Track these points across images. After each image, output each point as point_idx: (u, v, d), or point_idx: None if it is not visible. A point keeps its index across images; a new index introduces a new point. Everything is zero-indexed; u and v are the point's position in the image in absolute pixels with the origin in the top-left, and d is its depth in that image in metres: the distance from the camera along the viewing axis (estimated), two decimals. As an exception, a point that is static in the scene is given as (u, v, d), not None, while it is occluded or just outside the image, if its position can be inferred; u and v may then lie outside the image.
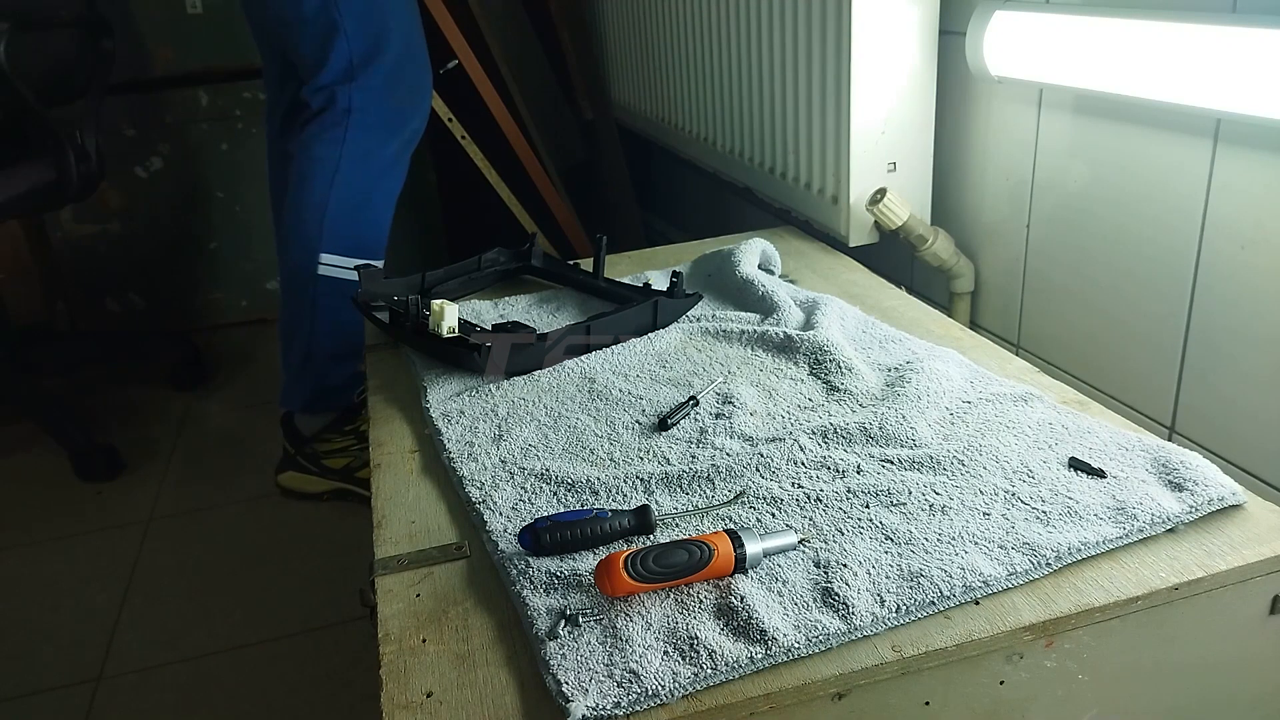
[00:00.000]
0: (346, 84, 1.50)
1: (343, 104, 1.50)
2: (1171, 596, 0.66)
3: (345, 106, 1.50)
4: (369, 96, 1.51)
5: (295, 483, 1.65)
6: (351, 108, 1.50)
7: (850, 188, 1.29)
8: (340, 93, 1.50)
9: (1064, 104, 1.12)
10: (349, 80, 1.50)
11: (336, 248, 1.52)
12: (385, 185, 1.57)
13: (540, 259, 1.37)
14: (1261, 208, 0.91)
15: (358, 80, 1.50)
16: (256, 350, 2.31)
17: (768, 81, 1.48)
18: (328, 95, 1.50)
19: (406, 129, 1.57)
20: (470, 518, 0.80)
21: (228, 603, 1.39)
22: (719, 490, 0.80)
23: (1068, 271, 1.17)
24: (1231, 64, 0.85)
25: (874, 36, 1.22)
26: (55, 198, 1.87)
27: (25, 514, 1.68)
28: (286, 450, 1.65)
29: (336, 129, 1.50)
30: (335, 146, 1.50)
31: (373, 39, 1.49)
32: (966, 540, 0.70)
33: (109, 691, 1.24)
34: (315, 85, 1.50)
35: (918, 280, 1.42)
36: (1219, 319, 0.97)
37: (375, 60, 1.50)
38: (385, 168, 1.56)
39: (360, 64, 1.49)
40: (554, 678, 0.60)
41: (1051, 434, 0.83)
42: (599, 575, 0.66)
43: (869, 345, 1.04)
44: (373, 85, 1.50)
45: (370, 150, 1.52)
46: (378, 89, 1.51)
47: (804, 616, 0.64)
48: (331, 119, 1.50)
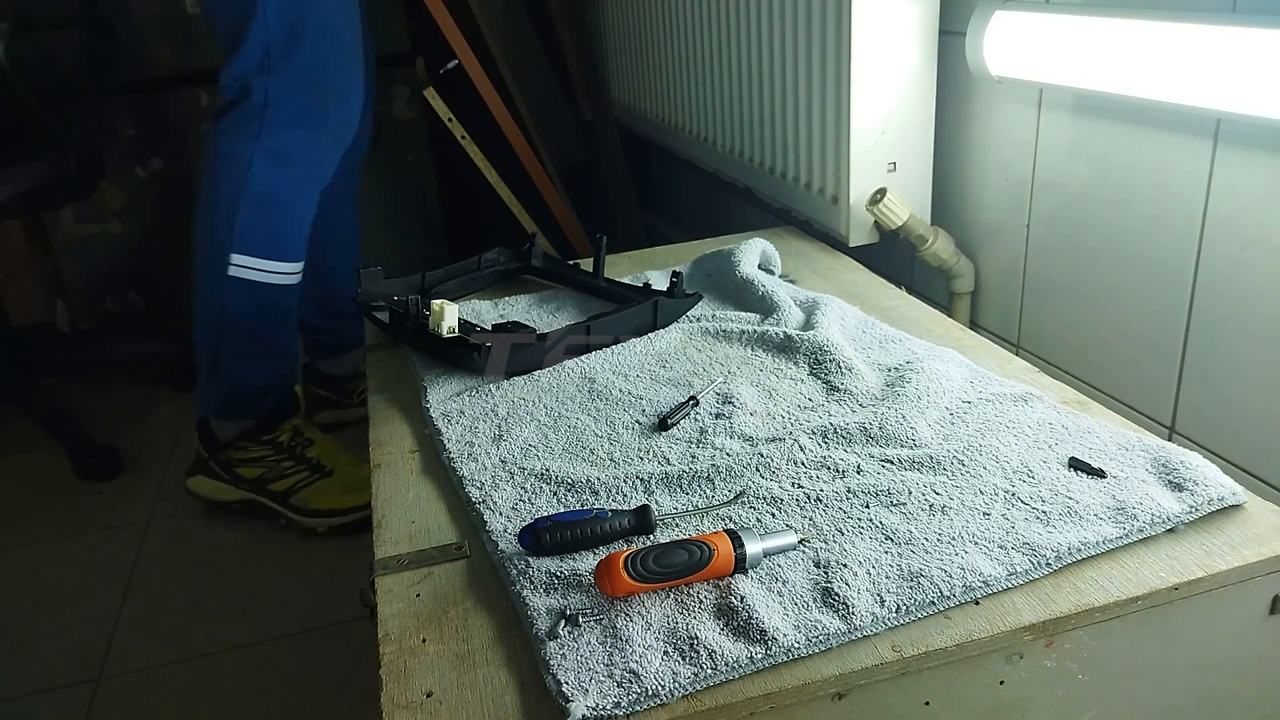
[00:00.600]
0: (263, 75, 1.38)
1: (258, 97, 1.39)
2: (1171, 596, 0.66)
3: (261, 100, 1.39)
4: (287, 91, 1.40)
5: (205, 488, 1.58)
6: (268, 102, 1.39)
7: (850, 188, 1.29)
8: (256, 84, 1.39)
9: (1064, 104, 1.12)
10: (266, 71, 1.38)
11: (248, 249, 1.43)
12: (304, 187, 1.47)
13: (540, 259, 1.37)
14: (1261, 208, 0.91)
15: (275, 72, 1.38)
16: (256, 350, 2.31)
17: (768, 81, 1.48)
18: (242, 86, 1.39)
19: (328, 129, 1.46)
20: (470, 518, 0.80)
21: (228, 603, 1.39)
22: (719, 490, 0.80)
23: (1068, 271, 1.17)
24: (1231, 64, 0.85)
25: (874, 36, 1.22)
26: (55, 198, 1.87)
27: (25, 514, 1.68)
28: (199, 453, 1.58)
29: (251, 123, 1.40)
30: (249, 142, 1.40)
31: (293, 28, 1.38)
32: (966, 540, 0.70)
33: (109, 691, 1.24)
34: (230, 74, 1.39)
35: (918, 280, 1.42)
36: (1219, 319, 0.97)
37: (295, 51, 1.39)
38: (305, 169, 1.46)
39: (279, 54, 1.38)
40: (554, 678, 0.60)
41: (1051, 434, 0.83)
42: (599, 575, 0.66)
43: (869, 345, 1.04)
44: (291, 79, 1.40)
45: (287, 149, 1.42)
46: (297, 83, 1.40)
47: (804, 616, 0.64)
48: (246, 112, 1.40)
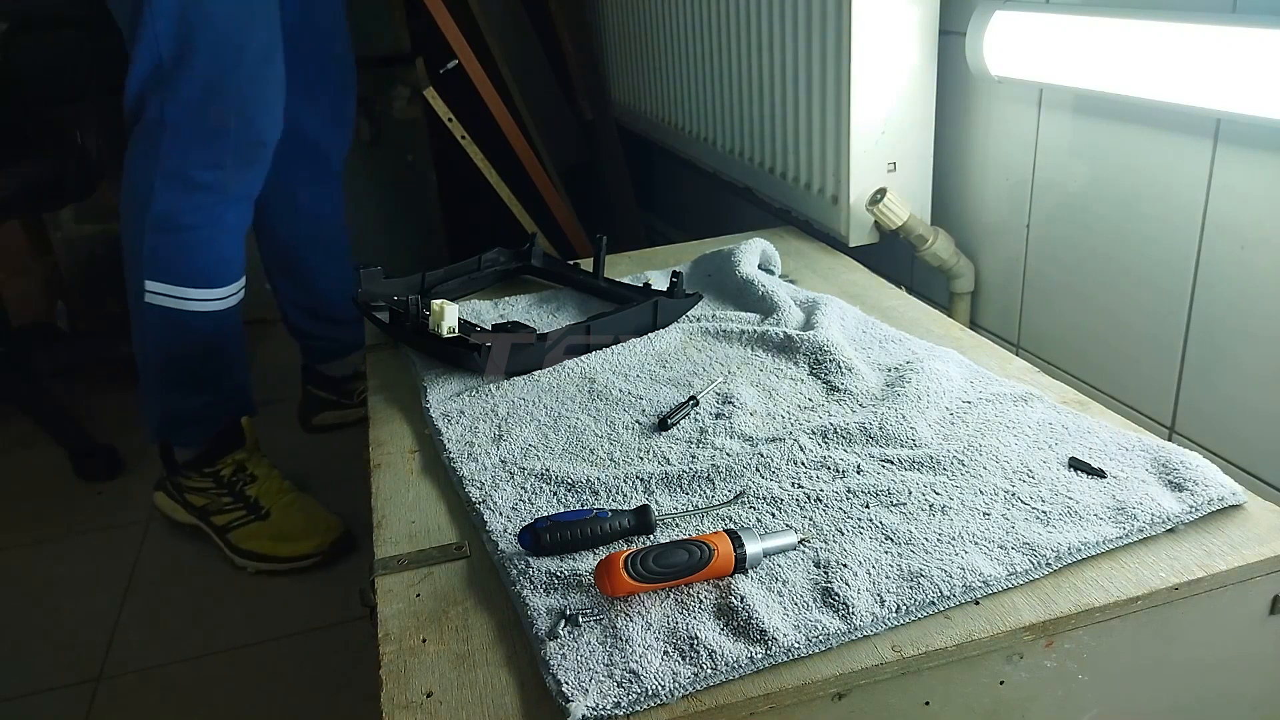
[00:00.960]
0: (156, 91, 1.26)
1: (153, 113, 1.27)
2: (1171, 596, 0.66)
3: (156, 117, 1.27)
4: (181, 110, 1.26)
5: (164, 505, 1.55)
6: (164, 120, 1.27)
7: (850, 188, 1.29)
8: (151, 101, 1.26)
9: (1064, 104, 1.12)
10: (158, 86, 1.25)
11: (161, 276, 1.33)
12: (211, 211, 1.34)
13: (540, 259, 1.37)
14: (1261, 208, 0.91)
15: (168, 86, 1.25)
16: (256, 350, 2.31)
17: (768, 81, 1.48)
18: (138, 102, 1.27)
19: (230, 149, 1.31)
20: (470, 518, 0.80)
21: (228, 602, 1.38)
22: (719, 490, 0.80)
23: (1068, 271, 1.17)
24: (1231, 64, 0.85)
25: (874, 36, 1.22)
26: (55, 197, 1.87)
27: (25, 514, 1.68)
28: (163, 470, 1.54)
29: (148, 143, 1.29)
30: (149, 164, 1.29)
31: (184, 38, 1.23)
32: (966, 540, 0.70)
33: (109, 691, 1.24)
34: (127, 88, 1.27)
35: (918, 280, 1.42)
36: (1219, 319, 0.97)
37: (187, 63, 1.24)
38: (210, 192, 1.33)
39: (170, 66, 1.24)
40: (554, 678, 0.60)
41: (1051, 434, 0.83)
42: (599, 575, 0.66)
43: (869, 345, 1.04)
44: (186, 96, 1.26)
45: (187, 172, 1.30)
46: (192, 101, 1.26)
47: (804, 616, 0.64)
48: (143, 131, 1.29)
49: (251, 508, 1.47)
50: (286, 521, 1.47)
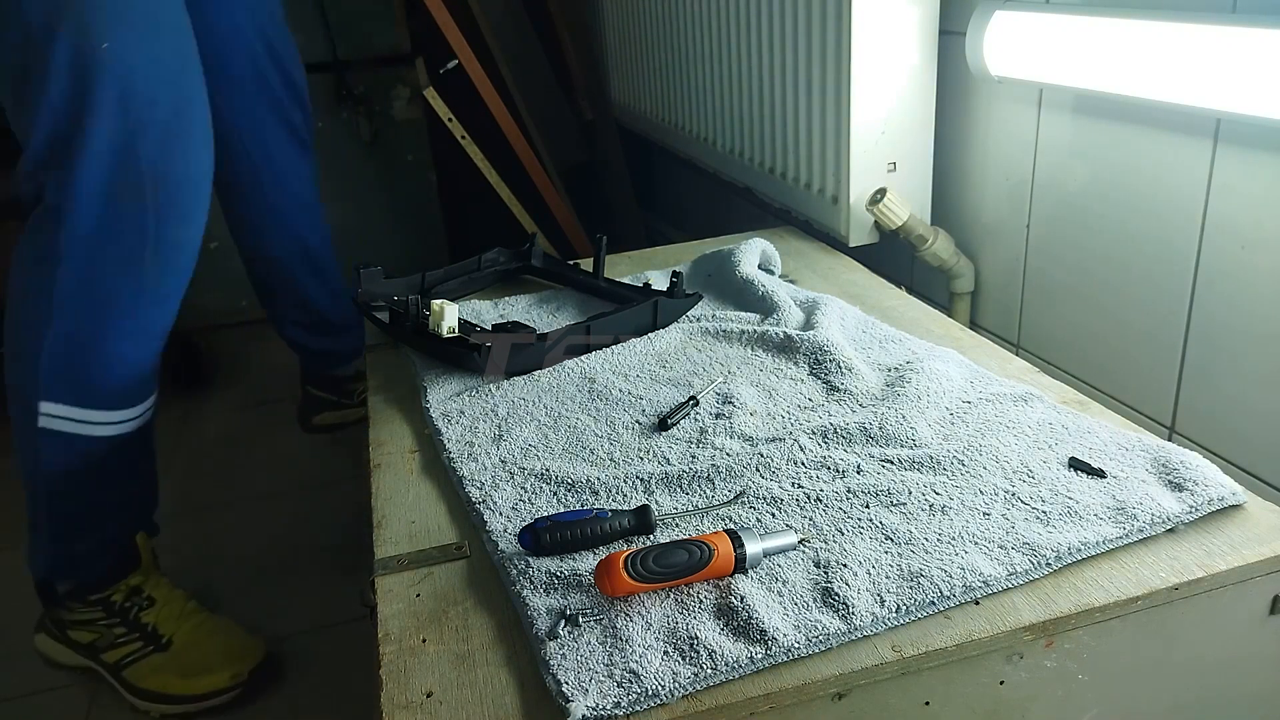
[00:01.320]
0: (53, 169, 1.01)
1: (51, 199, 1.02)
2: (1171, 596, 0.66)
3: (54, 203, 1.02)
4: (81, 193, 1.01)
5: (46, 648, 1.27)
6: (61, 206, 1.02)
7: (850, 188, 1.29)
8: (49, 182, 1.02)
9: (1064, 104, 1.12)
10: (54, 164, 1.00)
11: (59, 396, 1.09)
12: (125, 323, 1.09)
13: (540, 259, 1.37)
14: (1261, 208, 0.91)
15: (65, 165, 1.00)
16: (257, 350, 2.31)
17: (768, 81, 1.48)
18: (34, 183, 1.03)
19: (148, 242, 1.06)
20: (470, 518, 0.80)
21: (228, 602, 1.38)
22: (719, 490, 0.80)
23: (1068, 271, 1.17)
24: (1231, 64, 0.85)
25: (874, 36, 1.22)
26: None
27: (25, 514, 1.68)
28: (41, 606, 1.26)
29: (46, 235, 1.03)
30: (49, 265, 1.04)
31: (80, 103, 0.98)
32: (966, 540, 0.70)
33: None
34: (22, 163, 1.03)
35: (918, 280, 1.42)
36: (1219, 319, 0.97)
37: (85, 133, 0.99)
38: (128, 300, 1.08)
39: (65, 139, 0.99)
40: (554, 678, 0.60)
41: (1051, 434, 0.83)
42: (599, 575, 0.66)
43: (869, 345, 1.04)
44: (86, 176, 1.00)
45: (94, 275, 1.05)
46: (94, 181, 1.01)
47: (804, 616, 0.64)
48: (40, 220, 1.04)
49: (149, 637, 1.21)
50: (193, 650, 1.21)
